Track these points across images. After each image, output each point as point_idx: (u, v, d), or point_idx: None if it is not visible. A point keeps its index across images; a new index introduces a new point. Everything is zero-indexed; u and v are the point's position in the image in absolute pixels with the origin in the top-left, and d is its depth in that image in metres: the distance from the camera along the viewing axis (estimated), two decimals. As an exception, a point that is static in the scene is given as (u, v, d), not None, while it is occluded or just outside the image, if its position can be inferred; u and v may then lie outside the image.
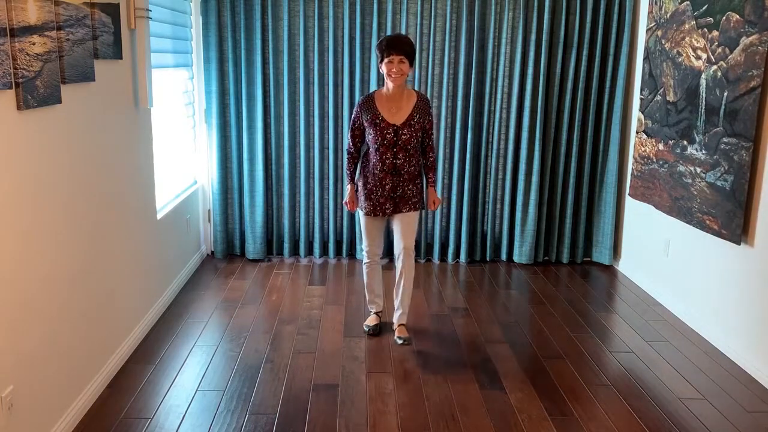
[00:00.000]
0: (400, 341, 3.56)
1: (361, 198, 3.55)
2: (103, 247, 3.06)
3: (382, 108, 3.43)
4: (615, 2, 4.67)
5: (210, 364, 3.29)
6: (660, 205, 4.25)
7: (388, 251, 5.02)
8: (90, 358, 2.90)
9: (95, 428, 2.71)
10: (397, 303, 3.66)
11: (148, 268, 3.68)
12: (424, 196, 3.69)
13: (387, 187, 3.47)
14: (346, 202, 3.62)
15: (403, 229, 3.54)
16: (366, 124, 3.46)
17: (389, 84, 3.41)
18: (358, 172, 3.60)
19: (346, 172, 3.65)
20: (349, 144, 3.59)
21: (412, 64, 3.39)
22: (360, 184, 3.56)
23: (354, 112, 3.53)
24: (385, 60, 3.33)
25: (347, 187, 3.62)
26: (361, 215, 3.62)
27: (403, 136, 3.41)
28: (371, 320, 3.76)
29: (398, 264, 3.59)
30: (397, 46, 3.31)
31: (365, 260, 3.71)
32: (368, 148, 3.53)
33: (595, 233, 5.07)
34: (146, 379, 3.12)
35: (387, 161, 3.43)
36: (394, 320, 3.68)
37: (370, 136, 3.46)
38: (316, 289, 4.42)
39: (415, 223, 3.56)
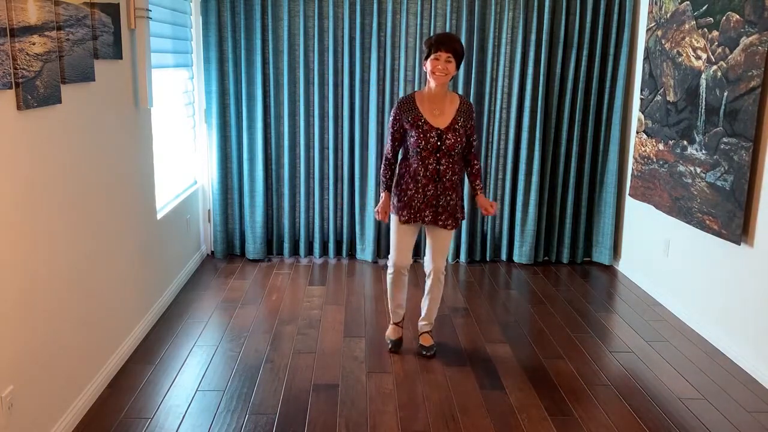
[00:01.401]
0: (423, 352, 3.44)
1: (398, 205, 3.31)
2: (103, 247, 3.06)
3: (423, 110, 3.21)
4: (615, 2, 4.67)
5: (210, 364, 3.29)
6: (660, 205, 4.25)
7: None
8: (90, 358, 2.90)
9: (95, 428, 2.71)
10: (423, 312, 3.54)
11: (148, 268, 3.68)
12: (466, 206, 3.44)
13: (429, 194, 3.24)
14: (377, 211, 3.39)
15: (439, 247, 3.37)
16: (407, 126, 3.23)
17: (431, 83, 3.19)
18: (395, 179, 3.37)
19: (381, 179, 3.38)
20: (388, 150, 3.34)
21: (459, 65, 3.19)
22: (397, 191, 3.32)
23: (392, 114, 3.28)
24: (431, 56, 3.13)
25: (382, 195, 3.37)
26: (394, 224, 3.37)
27: (447, 141, 3.19)
28: (392, 333, 3.54)
29: (428, 282, 3.46)
30: (447, 43, 3.11)
31: (390, 271, 3.45)
32: (406, 153, 3.32)
33: (595, 233, 5.07)
34: (146, 379, 3.12)
35: (430, 167, 3.21)
36: (419, 327, 3.57)
37: (411, 139, 3.22)
38: (316, 289, 4.42)
39: (450, 241, 3.43)
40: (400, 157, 3.40)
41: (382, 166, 3.40)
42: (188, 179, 4.75)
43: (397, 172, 3.38)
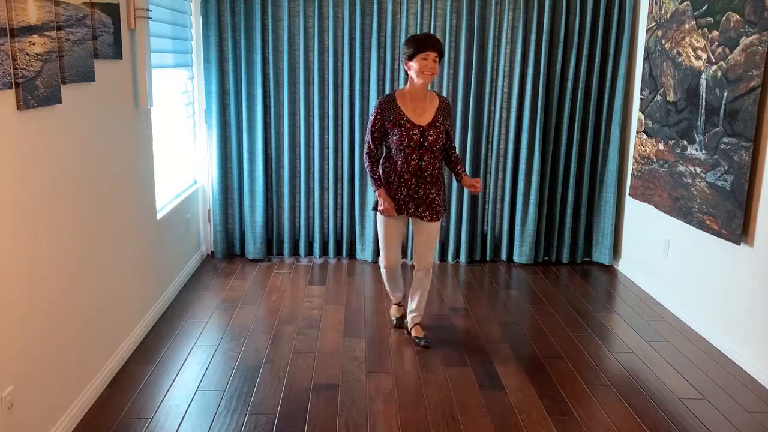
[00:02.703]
0: (418, 342, 3.53)
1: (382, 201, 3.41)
2: (103, 247, 3.06)
3: (405, 108, 3.30)
4: (615, 2, 4.67)
5: (210, 364, 3.29)
6: (660, 205, 4.25)
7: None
8: (90, 358, 2.90)
9: (95, 428, 2.71)
10: (412, 306, 3.62)
11: (148, 268, 3.68)
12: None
13: (412, 187, 3.36)
14: (383, 210, 3.37)
15: (424, 242, 3.46)
16: (389, 126, 3.31)
17: (417, 82, 3.25)
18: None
19: (371, 177, 3.42)
20: (370, 147, 3.40)
21: (444, 65, 3.33)
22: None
23: (373, 113, 3.35)
24: (420, 56, 3.19)
25: (377, 192, 3.39)
26: (381, 222, 3.47)
27: (430, 138, 3.29)
28: (394, 311, 3.82)
29: (416, 279, 3.55)
30: (434, 44, 3.20)
31: (382, 271, 3.65)
32: (389, 151, 3.40)
33: (595, 233, 5.07)
34: (146, 379, 3.12)
35: (413, 162, 3.31)
36: (408, 321, 3.66)
37: (394, 138, 3.31)
38: (316, 289, 4.42)
39: (436, 237, 3.48)
40: (382, 153, 3.49)
41: (368, 164, 3.43)
42: (188, 179, 4.75)
43: (381, 170, 3.45)
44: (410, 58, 3.23)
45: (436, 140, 3.31)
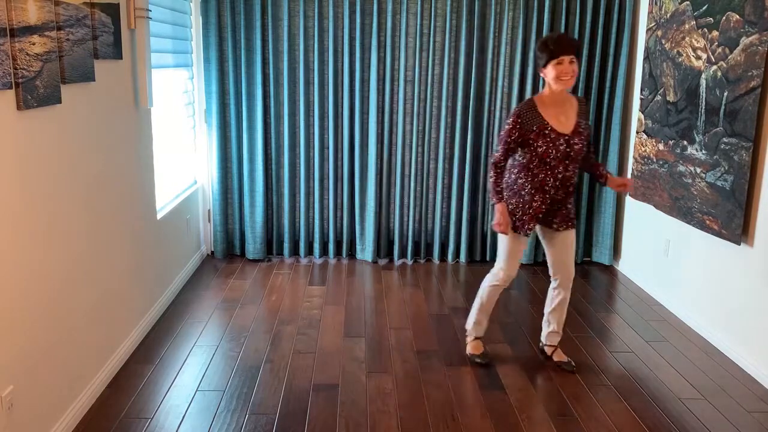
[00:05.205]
0: (569, 367, 3.33)
1: (524, 218, 3.15)
2: (103, 247, 3.06)
3: (548, 116, 3.04)
4: (615, 2, 4.67)
5: (210, 364, 3.29)
6: (660, 205, 4.25)
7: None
8: (90, 358, 2.90)
9: (95, 428, 2.71)
10: (553, 326, 3.40)
11: (148, 268, 3.68)
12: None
13: (553, 199, 3.14)
14: (498, 224, 3.16)
15: (565, 252, 3.24)
16: (532, 137, 3.03)
17: (555, 88, 3.01)
18: (509, 189, 3.19)
19: (494, 190, 3.16)
20: (499, 158, 3.13)
21: (580, 64, 3.08)
22: (519, 202, 3.15)
23: (510, 122, 3.06)
24: (554, 62, 2.96)
25: (498, 207, 3.15)
26: (510, 235, 3.20)
27: (575, 146, 3.05)
28: (476, 348, 3.41)
29: (556, 290, 3.33)
30: (566, 47, 2.95)
31: (495, 282, 3.29)
32: (528, 163, 3.10)
33: (595, 233, 5.07)
34: (146, 379, 3.12)
35: (559, 174, 3.07)
36: (547, 343, 3.43)
37: (539, 149, 3.03)
38: (316, 289, 4.42)
39: (574, 244, 3.27)
40: (509, 163, 3.22)
41: (494, 176, 3.17)
42: (188, 179, 4.75)
43: (513, 182, 3.18)
44: (544, 65, 3.01)
45: (581, 148, 3.08)
